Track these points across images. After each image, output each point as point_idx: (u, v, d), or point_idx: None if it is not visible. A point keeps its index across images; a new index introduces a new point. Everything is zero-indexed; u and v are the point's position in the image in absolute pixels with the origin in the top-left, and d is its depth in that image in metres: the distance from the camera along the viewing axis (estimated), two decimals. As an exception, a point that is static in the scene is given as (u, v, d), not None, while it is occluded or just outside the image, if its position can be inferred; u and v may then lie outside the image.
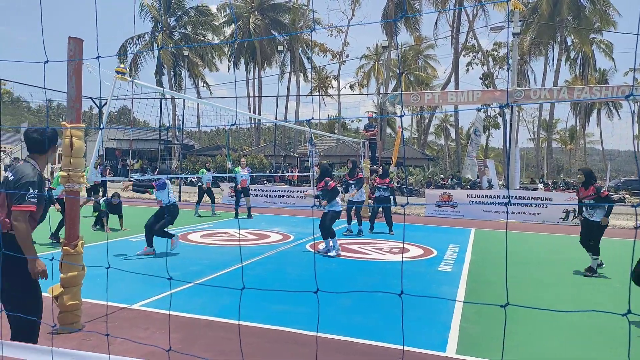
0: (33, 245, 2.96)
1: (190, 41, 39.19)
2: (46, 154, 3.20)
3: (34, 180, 2.99)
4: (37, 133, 3.12)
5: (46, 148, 3.16)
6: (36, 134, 3.12)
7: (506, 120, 18.83)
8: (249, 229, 11.34)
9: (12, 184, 2.97)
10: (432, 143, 62.46)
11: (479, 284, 6.25)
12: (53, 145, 3.21)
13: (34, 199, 2.94)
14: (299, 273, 6.78)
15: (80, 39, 4.13)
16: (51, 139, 3.17)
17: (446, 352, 3.86)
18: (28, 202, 2.91)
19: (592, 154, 64.57)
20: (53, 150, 3.23)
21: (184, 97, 12.26)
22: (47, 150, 3.17)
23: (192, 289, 5.56)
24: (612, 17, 35.42)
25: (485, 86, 35.64)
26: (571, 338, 4.31)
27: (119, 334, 3.98)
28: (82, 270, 4.23)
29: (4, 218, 2.94)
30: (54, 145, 3.22)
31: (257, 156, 33.73)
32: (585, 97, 14.53)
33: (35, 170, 3.06)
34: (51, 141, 3.17)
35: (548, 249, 9.51)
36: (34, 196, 2.94)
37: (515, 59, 18.74)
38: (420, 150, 41.80)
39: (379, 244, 9.37)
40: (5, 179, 3.07)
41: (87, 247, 5.40)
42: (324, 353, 3.79)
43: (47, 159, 3.23)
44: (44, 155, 3.19)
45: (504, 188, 19.96)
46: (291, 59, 42.36)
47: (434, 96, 16.43)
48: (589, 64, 41.31)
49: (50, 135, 3.16)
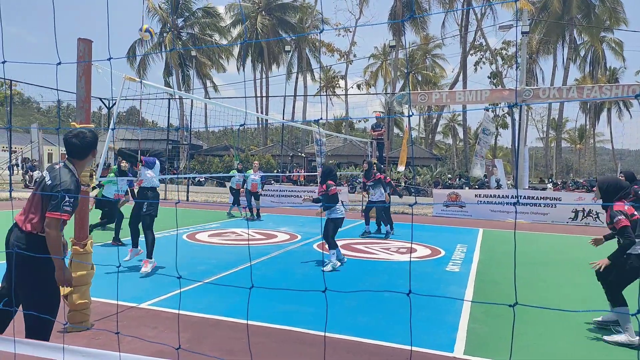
0: (63, 253, 2.90)
1: (198, 42, 39.39)
2: (85, 160, 3.10)
3: (71, 188, 2.90)
4: (77, 138, 3.01)
5: (87, 154, 3.07)
6: (76, 139, 3.01)
7: (515, 119, 18.72)
8: (257, 228, 11.37)
9: (49, 188, 2.88)
10: (439, 142, 62.27)
11: (487, 284, 6.22)
12: (93, 150, 3.11)
13: (69, 208, 2.86)
14: (306, 273, 6.79)
15: (89, 40, 4.17)
16: (92, 144, 3.06)
17: (454, 352, 3.85)
18: (63, 210, 2.82)
19: (602, 154, 63.97)
20: (93, 155, 3.14)
21: (192, 97, 12.32)
22: (87, 155, 3.09)
23: (200, 289, 5.58)
24: (621, 15, 35.06)
25: (493, 85, 35.46)
26: (580, 338, 4.28)
27: (128, 332, 4.01)
28: (92, 270, 4.27)
29: (37, 220, 2.88)
30: (94, 150, 3.12)
31: (264, 156, 33.81)
32: (594, 96, 14.41)
33: (74, 177, 2.97)
34: (92, 146, 3.07)
35: (557, 249, 9.44)
36: (69, 205, 2.86)
37: (524, 58, 18.62)
38: (428, 150, 41.67)
39: (386, 244, 9.35)
40: (42, 181, 2.98)
41: (97, 247, 5.45)
42: (331, 353, 3.79)
43: (85, 164, 3.14)
44: (82, 161, 3.09)
45: (512, 188, 19.84)
46: (298, 59, 42.41)
47: (441, 96, 16.38)
48: (599, 63, 40.95)
49: (90, 140, 3.05)
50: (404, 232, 10.91)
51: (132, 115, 56.78)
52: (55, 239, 2.82)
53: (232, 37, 42.24)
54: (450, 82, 40.63)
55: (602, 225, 13.73)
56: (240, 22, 41.33)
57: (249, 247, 8.74)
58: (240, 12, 40.66)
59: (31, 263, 2.84)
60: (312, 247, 9.01)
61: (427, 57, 46.06)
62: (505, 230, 12.20)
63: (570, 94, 14.19)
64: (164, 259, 7.47)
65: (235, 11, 41.33)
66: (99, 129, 8.35)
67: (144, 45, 39.94)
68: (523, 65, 18.29)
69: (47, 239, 2.83)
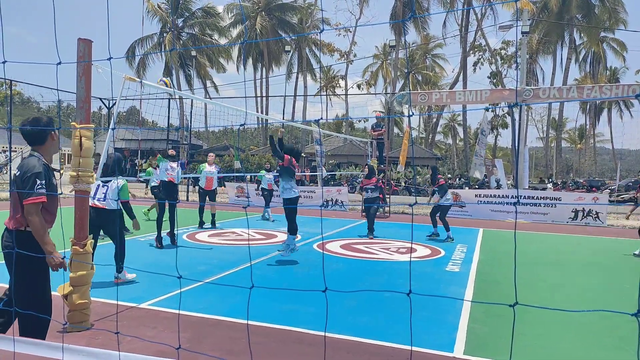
0: (49, 238, 2.94)
1: (198, 42, 39.36)
2: (46, 144, 3.13)
3: (40, 171, 2.95)
4: (30, 125, 3.07)
5: (44, 138, 3.09)
6: (29, 126, 3.06)
7: (515, 119, 18.72)
8: (257, 228, 11.37)
9: (20, 180, 2.94)
10: (440, 142, 62.26)
11: (487, 284, 6.21)
12: (50, 132, 3.12)
13: (42, 189, 2.91)
14: (305, 273, 6.79)
15: (89, 40, 4.17)
16: (46, 127, 3.08)
17: (454, 352, 3.85)
18: (38, 193, 2.88)
19: (602, 154, 63.98)
20: (53, 138, 3.15)
21: (192, 97, 12.32)
22: (46, 139, 3.11)
23: (200, 289, 5.58)
24: (621, 15, 35.03)
25: (493, 85, 35.44)
26: (581, 339, 4.28)
27: (127, 332, 4.01)
28: (91, 270, 4.26)
29: (20, 216, 2.93)
30: (51, 132, 3.13)
31: (264, 156, 33.78)
32: (594, 96, 14.39)
33: (40, 161, 3.03)
34: (46, 130, 3.09)
35: (557, 249, 9.44)
36: (42, 187, 2.90)
37: (524, 58, 18.61)
38: (428, 150, 41.66)
39: (386, 244, 9.35)
40: (14, 177, 3.05)
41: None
42: (331, 353, 3.79)
43: (50, 148, 3.16)
44: (44, 146, 3.12)
45: (512, 188, 19.84)
46: (298, 59, 42.40)
47: (441, 95, 16.36)
48: (599, 62, 40.93)
49: (43, 124, 3.07)
50: (405, 232, 10.90)
51: (132, 115, 56.77)
52: (37, 224, 2.87)
53: (232, 37, 42.22)
54: (450, 81, 40.64)
55: (601, 225, 13.73)
56: (239, 22, 41.30)
57: (249, 247, 8.74)
58: (239, 13, 40.60)
59: (22, 261, 2.88)
60: (312, 247, 9.01)
61: (427, 57, 46.04)
62: (505, 230, 12.20)
63: (570, 94, 14.18)
64: (164, 258, 7.47)
65: (234, 11, 41.31)
66: (99, 128, 8.34)
67: (144, 46, 39.94)
68: (523, 65, 18.28)
69: (31, 227, 2.88)
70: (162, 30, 40.06)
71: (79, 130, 4.12)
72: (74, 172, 4.15)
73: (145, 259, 7.34)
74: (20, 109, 60.46)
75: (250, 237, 10.06)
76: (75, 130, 4.13)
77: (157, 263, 7.10)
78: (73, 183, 4.17)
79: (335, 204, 17.13)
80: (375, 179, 10.41)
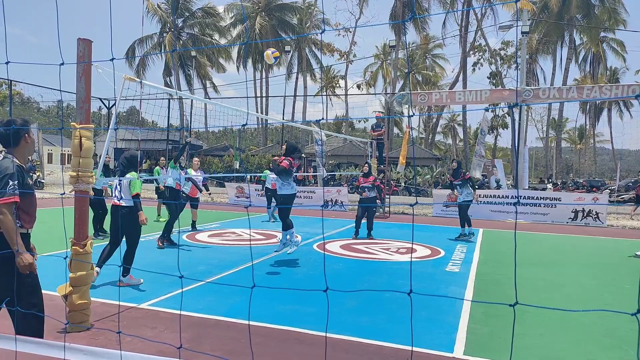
0: (19, 239, 2.92)
1: (198, 42, 39.36)
2: (20, 146, 3.12)
3: (13, 172, 2.95)
4: (3, 127, 3.04)
5: (18, 140, 3.07)
6: (3, 129, 3.04)
7: (515, 119, 18.72)
8: (257, 228, 11.37)
9: None
10: (439, 143, 62.21)
11: (487, 285, 6.22)
12: (24, 134, 3.10)
13: (14, 190, 2.91)
14: (306, 273, 6.79)
15: (89, 40, 4.17)
16: (19, 129, 3.05)
17: (454, 352, 3.85)
18: (10, 193, 2.88)
19: (602, 154, 63.99)
20: (27, 141, 3.13)
21: (192, 97, 12.32)
22: (19, 141, 3.09)
23: (200, 289, 5.58)
24: (621, 15, 35.03)
25: (493, 85, 35.44)
26: (581, 339, 4.28)
27: (128, 332, 4.01)
28: (91, 270, 4.26)
29: None
30: (25, 135, 3.11)
31: (264, 156, 33.79)
32: (594, 96, 14.40)
33: (14, 162, 3.02)
34: (20, 131, 3.06)
35: (557, 250, 9.44)
36: (13, 187, 2.91)
37: (524, 58, 18.62)
38: (428, 150, 41.66)
39: (386, 244, 9.35)
40: None
41: (97, 247, 5.45)
42: (332, 353, 3.79)
43: (24, 150, 3.16)
44: (18, 148, 3.11)
45: (512, 188, 19.84)
46: (298, 59, 42.40)
47: (441, 96, 16.38)
48: (599, 63, 40.94)
49: (18, 125, 3.05)
50: (405, 232, 10.90)
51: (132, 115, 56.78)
52: (8, 224, 2.87)
53: (231, 37, 42.21)
54: (450, 82, 40.63)
55: (601, 226, 13.73)
56: (240, 22, 41.29)
57: (251, 247, 8.74)
58: (239, 13, 40.59)
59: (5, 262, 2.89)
60: (312, 247, 9.02)
61: (427, 57, 46.03)
62: (505, 230, 12.20)
63: (570, 94, 14.19)
64: (164, 259, 7.47)
65: (234, 12, 41.30)
66: (99, 128, 8.33)
67: (144, 46, 39.93)
68: (523, 65, 18.29)
69: (1, 227, 2.88)
70: (162, 30, 40.05)
71: (79, 131, 4.12)
72: (74, 172, 4.15)
73: (145, 259, 7.33)
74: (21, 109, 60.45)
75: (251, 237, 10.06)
76: (75, 130, 4.13)
77: (157, 263, 7.11)
78: (73, 183, 4.17)
79: (335, 204, 17.14)
80: (373, 178, 10.24)
